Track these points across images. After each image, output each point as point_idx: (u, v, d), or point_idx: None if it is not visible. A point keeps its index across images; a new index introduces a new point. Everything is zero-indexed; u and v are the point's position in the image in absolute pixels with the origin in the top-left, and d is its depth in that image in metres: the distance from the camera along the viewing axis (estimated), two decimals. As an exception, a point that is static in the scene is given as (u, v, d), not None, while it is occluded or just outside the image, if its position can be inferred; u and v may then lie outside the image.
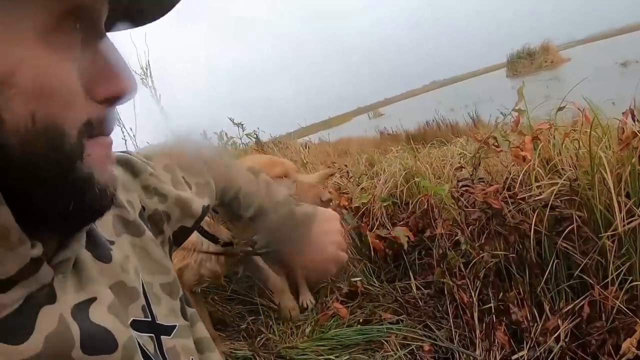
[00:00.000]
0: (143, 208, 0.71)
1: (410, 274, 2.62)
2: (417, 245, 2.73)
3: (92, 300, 0.51)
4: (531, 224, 2.02)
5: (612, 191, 1.85)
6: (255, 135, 6.07)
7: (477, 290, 2.20)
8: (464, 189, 2.36)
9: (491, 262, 2.19)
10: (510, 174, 2.35)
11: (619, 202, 1.86)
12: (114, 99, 0.46)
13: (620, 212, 1.85)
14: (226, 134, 8.20)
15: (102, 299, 0.53)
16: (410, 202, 2.91)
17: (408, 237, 2.57)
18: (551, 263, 2.08)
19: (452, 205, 2.56)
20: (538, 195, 2.03)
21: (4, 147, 0.38)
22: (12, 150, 0.39)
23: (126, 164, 0.74)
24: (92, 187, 0.45)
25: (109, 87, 0.46)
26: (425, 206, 2.71)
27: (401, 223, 2.75)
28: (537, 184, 2.10)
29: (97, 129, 0.46)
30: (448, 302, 2.29)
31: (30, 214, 0.42)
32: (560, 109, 2.37)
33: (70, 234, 0.50)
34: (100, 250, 0.57)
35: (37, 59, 0.39)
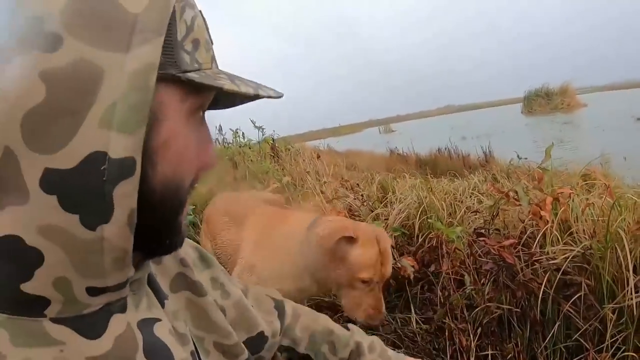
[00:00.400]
0: None
1: (412, 307, 2.69)
2: (421, 279, 2.80)
3: (157, 320, 0.62)
4: (541, 285, 2.10)
5: (623, 266, 1.94)
6: (272, 140, 6.15)
7: (477, 336, 2.27)
8: (481, 239, 2.43)
9: (495, 312, 2.26)
10: (526, 230, 2.43)
11: (627, 277, 1.95)
12: (207, 167, 0.59)
13: (627, 286, 1.94)
14: (243, 133, 8.29)
15: (164, 323, 0.63)
16: (421, 235, 2.99)
17: (413, 266, 2.65)
18: (553, 323, 2.16)
19: (462, 249, 2.63)
20: (552, 259, 2.11)
21: (152, 192, 0.50)
22: (155, 195, 0.51)
23: (199, 251, 0.85)
24: (180, 228, 0.58)
25: (204, 158, 0.58)
26: (435, 243, 2.78)
27: (408, 255, 2.83)
28: (553, 248, 2.18)
29: (192, 187, 0.58)
30: (447, 343, 2.36)
31: (137, 243, 0.51)
32: (584, 177, 2.46)
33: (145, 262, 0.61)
34: (157, 294, 0.66)
35: (182, 134, 0.52)
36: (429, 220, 3.06)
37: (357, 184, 4.37)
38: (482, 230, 2.57)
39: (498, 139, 11.75)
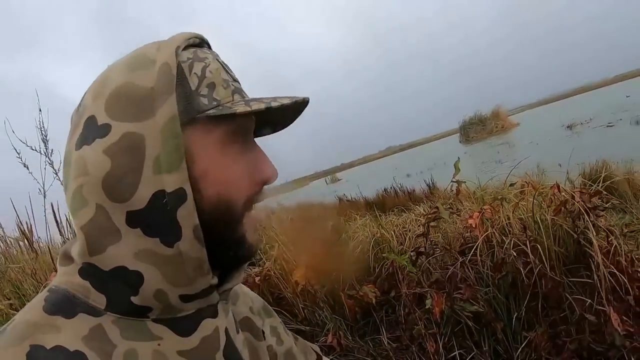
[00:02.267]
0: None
1: (380, 329, 2.95)
2: (384, 304, 3.09)
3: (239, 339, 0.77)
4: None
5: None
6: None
7: (445, 339, 2.56)
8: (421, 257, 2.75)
9: (452, 316, 2.56)
10: (464, 239, 2.77)
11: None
12: (266, 182, 0.70)
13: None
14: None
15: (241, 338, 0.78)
16: (377, 266, 3.29)
17: (375, 292, 2.93)
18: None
19: (414, 271, 2.92)
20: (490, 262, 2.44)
21: (204, 212, 0.63)
22: (207, 215, 0.63)
23: (264, 303, 0.99)
24: (244, 244, 0.69)
25: (263, 174, 0.70)
26: (391, 270, 3.08)
27: (369, 284, 3.11)
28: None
29: (251, 203, 0.69)
30: (415, 351, 2.63)
31: (211, 255, 0.65)
32: (512, 184, 2.83)
33: (229, 273, 0.74)
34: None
35: (219, 162, 0.65)
36: (382, 253, 3.36)
37: (312, 231, 4.61)
38: (422, 249, 2.88)
39: (441, 171, 12.15)
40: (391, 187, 10.17)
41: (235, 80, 0.71)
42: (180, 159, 0.60)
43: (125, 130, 0.60)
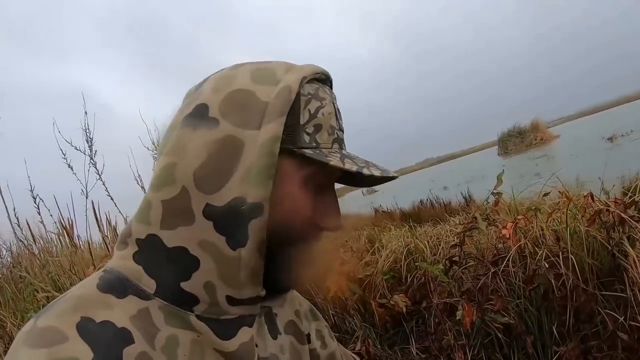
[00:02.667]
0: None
1: (410, 339, 2.96)
2: (414, 314, 3.09)
3: (278, 343, 0.81)
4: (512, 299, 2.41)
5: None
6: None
7: (474, 351, 2.55)
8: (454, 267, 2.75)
9: (483, 328, 2.55)
10: (497, 250, 2.76)
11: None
12: (329, 229, 0.73)
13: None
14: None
15: (272, 349, 0.80)
16: (409, 276, 3.29)
17: (406, 302, 2.94)
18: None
19: (445, 281, 2.92)
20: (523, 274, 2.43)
21: (270, 229, 0.66)
22: (269, 234, 0.66)
23: (311, 306, 1.01)
24: (291, 272, 0.72)
25: (328, 222, 0.72)
26: (423, 280, 3.09)
27: (400, 294, 3.12)
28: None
29: (306, 240, 0.71)
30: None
31: (269, 271, 0.68)
32: (545, 194, 2.81)
33: (273, 293, 0.75)
34: (273, 327, 0.82)
35: (296, 195, 0.68)
36: (415, 262, 3.36)
37: (346, 241, 4.64)
38: (455, 258, 2.87)
39: (478, 184, 12.01)
40: (427, 199, 10.12)
41: (341, 129, 0.74)
42: (270, 177, 0.64)
43: (231, 132, 0.64)
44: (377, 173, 0.68)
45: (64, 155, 3.95)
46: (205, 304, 0.67)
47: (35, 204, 4.90)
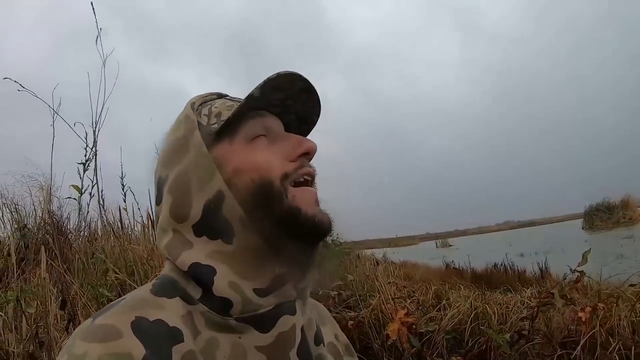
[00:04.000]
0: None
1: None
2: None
3: (319, 331, 0.82)
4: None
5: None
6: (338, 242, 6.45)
7: None
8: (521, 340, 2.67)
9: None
10: (568, 331, 2.66)
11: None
12: (304, 155, 0.77)
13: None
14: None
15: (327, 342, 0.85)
16: (471, 340, 3.21)
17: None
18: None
19: (508, 352, 2.84)
20: None
21: (247, 201, 0.72)
22: (251, 200, 0.72)
23: (347, 341, 1.01)
24: (301, 215, 0.73)
25: (297, 149, 0.77)
26: (484, 347, 3.01)
27: (458, 356, 3.05)
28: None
29: (294, 176, 0.75)
30: None
31: (273, 243, 0.71)
32: (632, 285, 2.70)
33: (307, 267, 0.77)
34: (318, 334, 0.82)
35: (247, 156, 0.75)
36: (480, 327, 3.29)
37: (413, 291, 4.60)
38: (524, 332, 2.79)
39: (557, 256, 11.54)
40: (502, 263, 9.83)
41: (234, 100, 0.84)
42: (213, 169, 0.73)
43: (176, 171, 0.76)
44: (262, 83, 0.75)
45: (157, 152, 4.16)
46: (239, 304, 0.69)
47: (123, 191, 5.18)
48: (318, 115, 0.89)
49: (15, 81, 5.51)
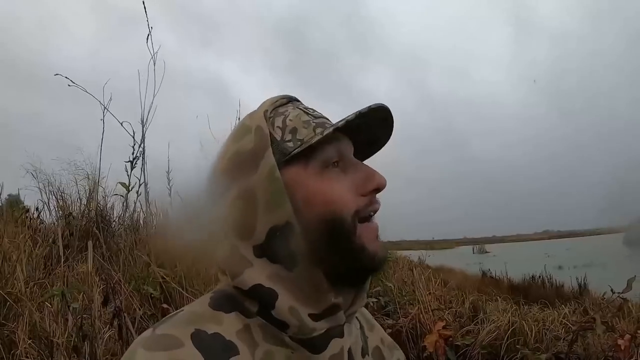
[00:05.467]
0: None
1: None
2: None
3: (365, 342, 0.86)
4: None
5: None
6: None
7: None
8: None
9: None
10: (605, 357, 2.64)
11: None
12: (374, 190, 0.76)
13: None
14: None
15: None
16: (506, 357, 3.21)
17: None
18: None
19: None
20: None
21: (314, 231, 0.71)
22: (317, 233, 0.71)
23: (391, 340, 1.02)
24: (364, 253, 0.73)
25: (369, 185, 0.75)
26: (520, 364, 3.01)
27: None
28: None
29: (363, 213, 0.74)
30: None
31: (331, 274, 0.71)
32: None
33: (357, 294, 0.79)
34: (364, 345, 0.86)
35: (318, 187, 0.73)
36: (517, 344, 3.28)
37: (450, 301, 4.60)
38: (562, 355, 2.77)
39: (596, 271, 11.28)
40: (539, 276, 9.68)
41: (318, 117, 0.79)
42: (284, 196, 0.71)
43: (241, 186, 0.73)
44: (350, 117, 0.73)
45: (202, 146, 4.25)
46: (295, 327, 0.70)
47: (169, 186, 5.28)
48: (387, 139, 0.87)
49: (65, 77, 5.61)
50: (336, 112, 0.79)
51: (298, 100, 0.85)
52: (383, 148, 0.87)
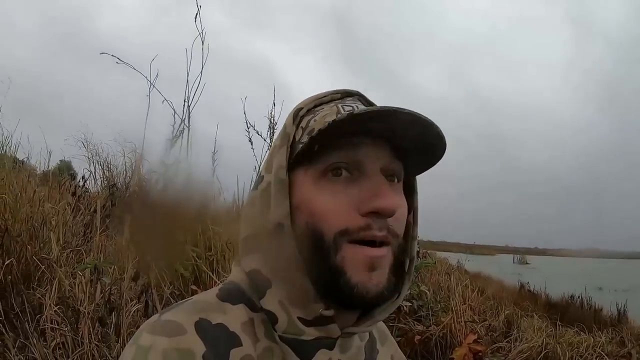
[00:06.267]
0: None
1: None
2: None
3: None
4: None
5: None
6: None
7: None
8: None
9: None
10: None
11: None
12: (374, 213, 0.67)
13: None
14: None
15: None
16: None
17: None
18: None
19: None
20: None
21: (300, 242, 0.69)
22: (300, 243, 0.69)
23: (403, 356, 0.99)
24: (342, 279, 0.67)
25: (370, 205, 0.67)
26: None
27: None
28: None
29: (355, 235, 0.67)
30: None
31: (318, 288, 0.68)
32: None
33: (364, 317, 0.75)
34: (370, 354, 0.84)
35: (311, 198, 0.69)
36: (547, 366, 3.22)
37: (485, 312, 4.53)
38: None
39: (638, 297, 10.98)
40: (579, 296, 9.42)
41: (337, 113, 0.72)
42: (283, 197, 0.70)
43: (268, 178, 0.74)
44: (355, 111, 0.66)
45: (248, 128, 4.38)
46: (284, 322, 0.70)
47: (214, 166, 5.33)
48: (442, 148, 0.73)
49: (112, 55, 5.72)
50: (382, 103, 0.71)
51: (359, 95, 0.79)
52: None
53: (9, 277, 3.10)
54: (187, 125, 5.82)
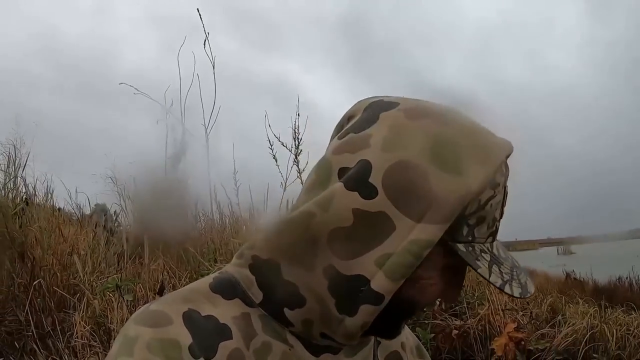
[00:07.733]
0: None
1: None
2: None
3: None
4: None
5: None
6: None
7: None
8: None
9: None
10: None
11: None
12: (444, 301, 0.77)
13: None
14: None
15: None
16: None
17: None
18: None
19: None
20: None
21: (389, 304, 0.61)
22: (389, 305, 0.61)
23: (418, 342, 0.96)
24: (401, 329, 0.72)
25: (447, 296, 0.70)
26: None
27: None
28: None
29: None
30: None
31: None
32: None
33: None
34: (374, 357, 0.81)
35: (432, 280, 0.64)
36: (594, 353, 3.03)
37: (528, 302, 4.35)
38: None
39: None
40: (627, 277, 9.10)
41: (499, 219, 0.65)
42: (405, 276, 0.60)
43: (386, 209, 0.60)
44: (516, 293, 0.62)
45: (271, 146, 4.32)
46: (299, 327, 0.67)
47: (236, 186, 5.31)
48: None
49: (130, 85, 5.78)
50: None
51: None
52: None
53: (38, 299, 3.39)
54: (206, 147, 5.87)
